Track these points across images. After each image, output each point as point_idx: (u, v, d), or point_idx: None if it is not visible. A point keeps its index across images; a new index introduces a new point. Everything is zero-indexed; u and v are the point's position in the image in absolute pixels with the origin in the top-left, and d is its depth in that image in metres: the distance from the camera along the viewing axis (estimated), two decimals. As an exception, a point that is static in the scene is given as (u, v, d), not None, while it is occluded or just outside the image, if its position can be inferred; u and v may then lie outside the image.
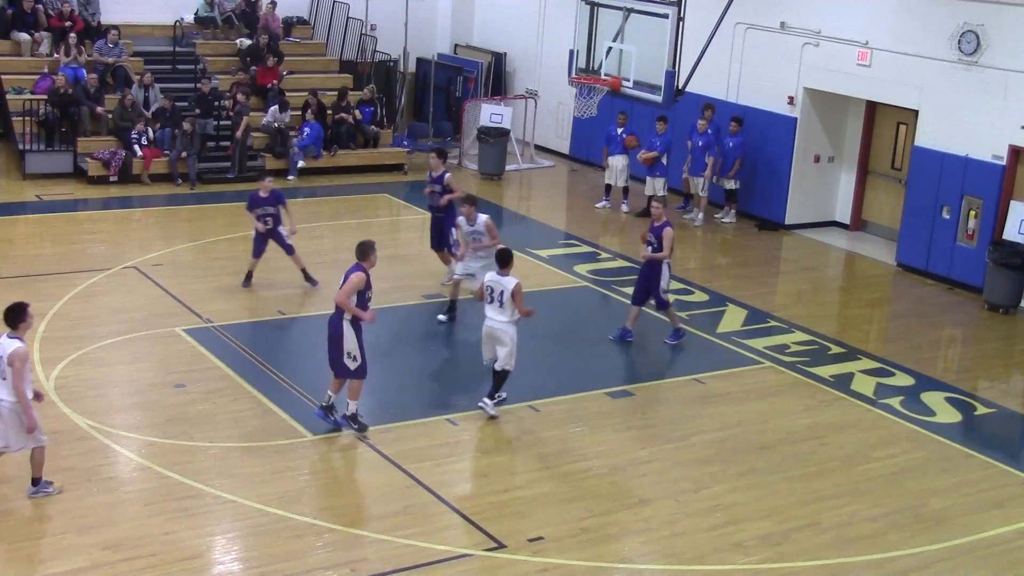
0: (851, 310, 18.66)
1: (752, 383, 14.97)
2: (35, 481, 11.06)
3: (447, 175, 17.14)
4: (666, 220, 15.54)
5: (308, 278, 17.01)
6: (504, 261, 13.20)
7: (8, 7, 23.87)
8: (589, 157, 25.82)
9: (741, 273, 19.63)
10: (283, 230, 16.88)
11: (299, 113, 24.00)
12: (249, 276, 16.96)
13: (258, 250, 16.90)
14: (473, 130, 25.56)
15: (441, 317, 16.24)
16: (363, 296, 12.37)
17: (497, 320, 13.12)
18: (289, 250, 16.97)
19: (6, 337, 10.79)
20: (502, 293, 13.01)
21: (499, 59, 28.05)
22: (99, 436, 12.26)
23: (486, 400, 13.30)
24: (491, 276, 13.29)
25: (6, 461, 11.14)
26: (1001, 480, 12.76)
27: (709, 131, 21.74)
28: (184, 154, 22.27)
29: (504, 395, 13.44)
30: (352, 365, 12.43)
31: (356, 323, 12.34)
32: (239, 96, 23.28)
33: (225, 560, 10.39)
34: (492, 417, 13.23)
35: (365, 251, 12.51)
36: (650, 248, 15.47)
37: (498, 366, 13.22)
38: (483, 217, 15.52)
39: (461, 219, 15.68)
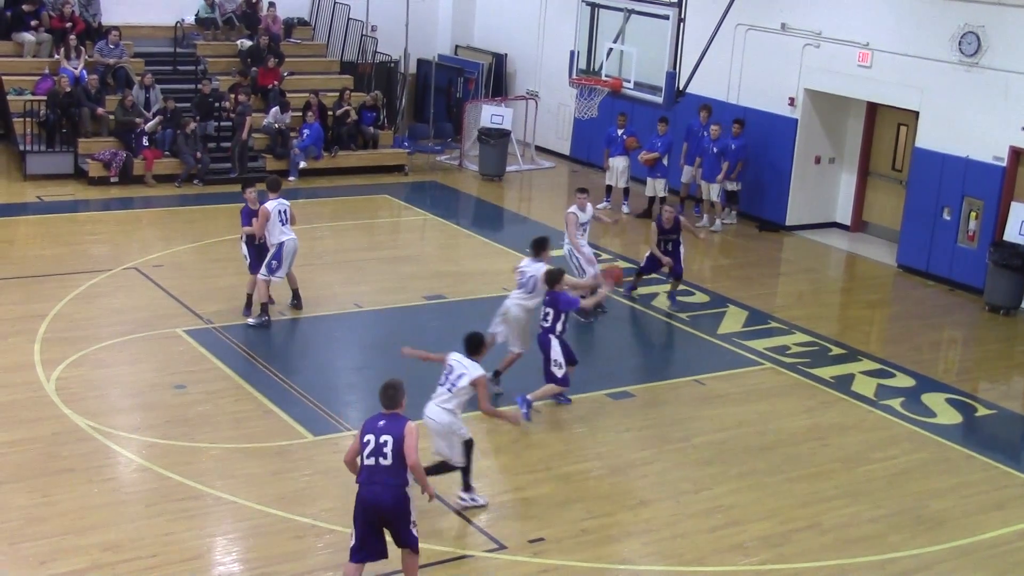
0: (852, 311, 18.65)
1: (753, 384, 14.97)
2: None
3: None
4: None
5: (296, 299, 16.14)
6: (476, 347, 11.12)
7: (8, 8, 23.86)
8: (590, 158, 25.81)
9: (742, 274, 19.62)
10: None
11: (300, 114, 24.02)
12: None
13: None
14: (474, 131, 25.55)
15: None
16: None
17: (443, 408, 10.97)
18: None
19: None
20: (460, 377, 10.95)
21: (500, 60, 28.05)
22: (100, 437, 12.25)
23: (463, 495, 11.32)
24: (455, 356, 11.12)
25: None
26: (1002, 481, 12.76)
27: (722, 136, 21.66)
28: (199, 154, 22.34)
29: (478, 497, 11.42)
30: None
31: None
32: (241, 96, 23.28)
33: (226, 561, 10.38)
34: (483, 506, 11.40)
35: (397, 397, 9.52)
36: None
37: (458, 462, 11.20)
38: None
39: None
